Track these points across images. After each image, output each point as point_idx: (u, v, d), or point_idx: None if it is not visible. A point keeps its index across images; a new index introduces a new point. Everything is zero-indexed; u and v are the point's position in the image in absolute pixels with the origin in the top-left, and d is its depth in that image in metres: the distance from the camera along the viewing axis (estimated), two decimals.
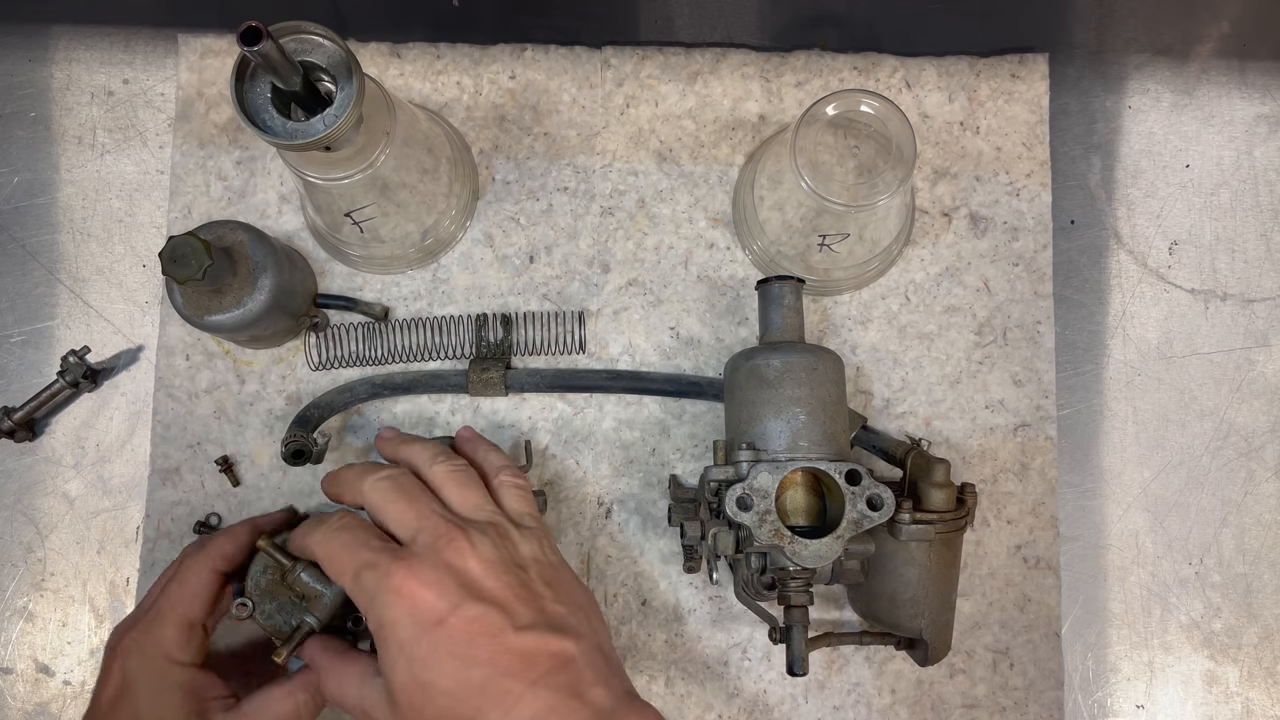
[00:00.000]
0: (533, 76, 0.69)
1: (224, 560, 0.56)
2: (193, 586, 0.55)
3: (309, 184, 0.57)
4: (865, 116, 0.60)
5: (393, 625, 0.46)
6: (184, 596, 0.54)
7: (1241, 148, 0.71)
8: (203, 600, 0.55)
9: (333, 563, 0.50)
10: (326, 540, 0.50)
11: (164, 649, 0.53)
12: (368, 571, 0.47)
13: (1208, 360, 0.70)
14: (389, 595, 0.46)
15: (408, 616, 0.46)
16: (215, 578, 0.56)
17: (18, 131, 0.69)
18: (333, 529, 0.51)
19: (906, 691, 0.65)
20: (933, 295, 0.68)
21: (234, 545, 0.57)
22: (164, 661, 0.53)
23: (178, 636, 0.53)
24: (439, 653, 0.45)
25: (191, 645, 0.54)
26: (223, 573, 0.56)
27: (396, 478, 0.53)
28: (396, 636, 0.46)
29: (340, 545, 0.50)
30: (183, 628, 0.54)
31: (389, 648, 0.46)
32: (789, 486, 0.56)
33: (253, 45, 0.44)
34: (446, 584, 0.46)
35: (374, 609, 0.47)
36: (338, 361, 0.66)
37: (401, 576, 0.46)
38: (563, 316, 0.67)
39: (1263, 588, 0.68)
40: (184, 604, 0.54)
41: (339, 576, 0.49)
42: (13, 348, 0.68)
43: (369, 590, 0.47)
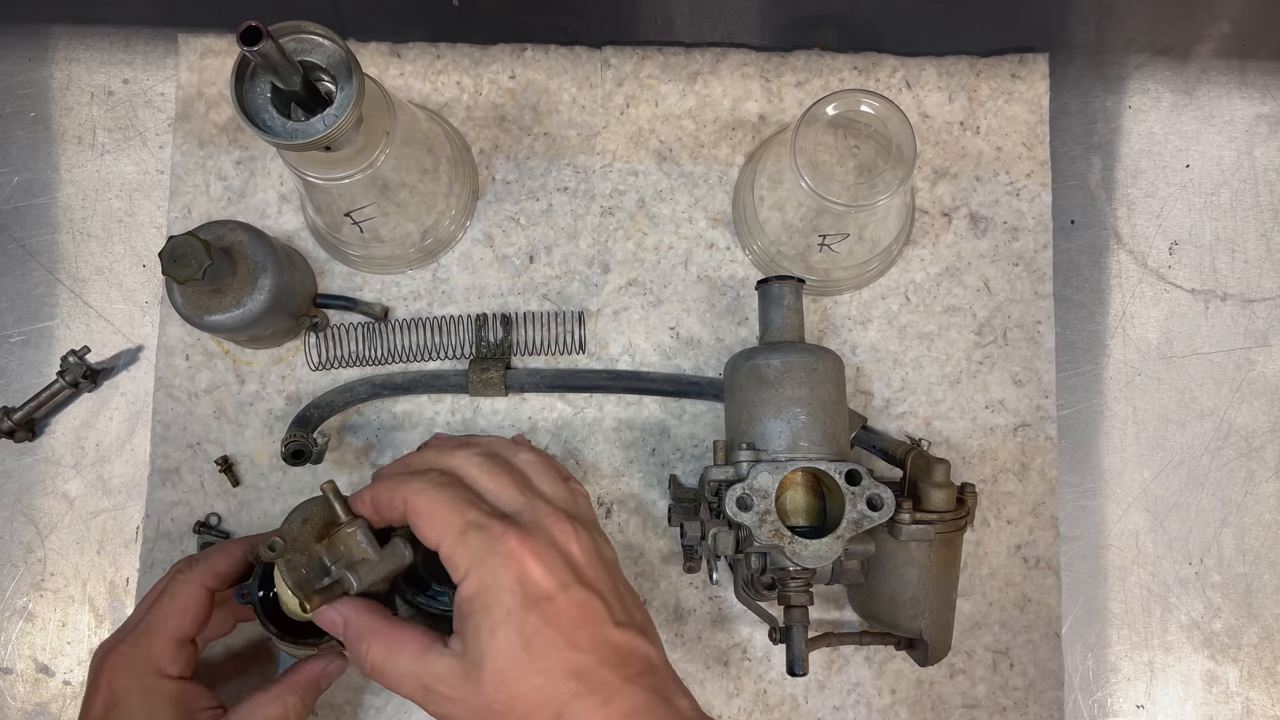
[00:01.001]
0: (533, 76, 0.69)
1: (216, 578, 0.55)
2: (183, 602, 0.54)
3: (309, 184, 0.57)
4: (865, 116, 0.60)
5: (501, 590, 0.44)
6: (174, 612, 0.53)
7: (1241, 148, 0.71)
8: (193, 616, 0.54)
9: (434, 517, 0.46)
10: (429, 492, 0.47)
11: (154, 663, 0.52)
12: (476, 531, 0.45)
13: (1208, 360, 0.70)
14: (500, 558, 0.44)
15: (518, 584, 0.44)
16: (206, 595, 0.54)
17: (18, 131, 0.69)
18: (436, 482, 0.48)
19: (906, 691, 0.65)
20: (933, 295, 0.68)
21: (228, 563, 0.56)
22: (153, 676, 0.52)
23: (168, 651, 0.53)
24: (546, 628, 0.43)
25: (181, 659, 0.53)
26: (213, 590, 0.55)
27: (492, 456, 0.51)
28: (503, 602, 0.44)
29: (447, 498, 0.47)
30: (172, 643, 0.53)
31: (492, 613, 0.44)
32: (789, 486, 0.56)
33: (253, 45, 0.44)
34: (556, 562, 0.45)
35: (478, 570, 0.44)
36: (338, 361, 0.66)
37: (516, 543, 0.45)
38: (563, 316, 0.67)
39: (1263, 588, 0.68)
40: (174, 619, 0.53)
41: (439, 532, 0.46)
42: (13, 348, 0.68)
43: (475, 551, 0.45)
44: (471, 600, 0.45)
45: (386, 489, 0.49)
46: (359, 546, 0.50)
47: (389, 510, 0.49)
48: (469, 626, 0.45)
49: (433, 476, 0.49)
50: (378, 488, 0.50)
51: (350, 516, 0.50)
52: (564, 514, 0.48)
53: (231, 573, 0.56)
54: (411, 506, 0.47)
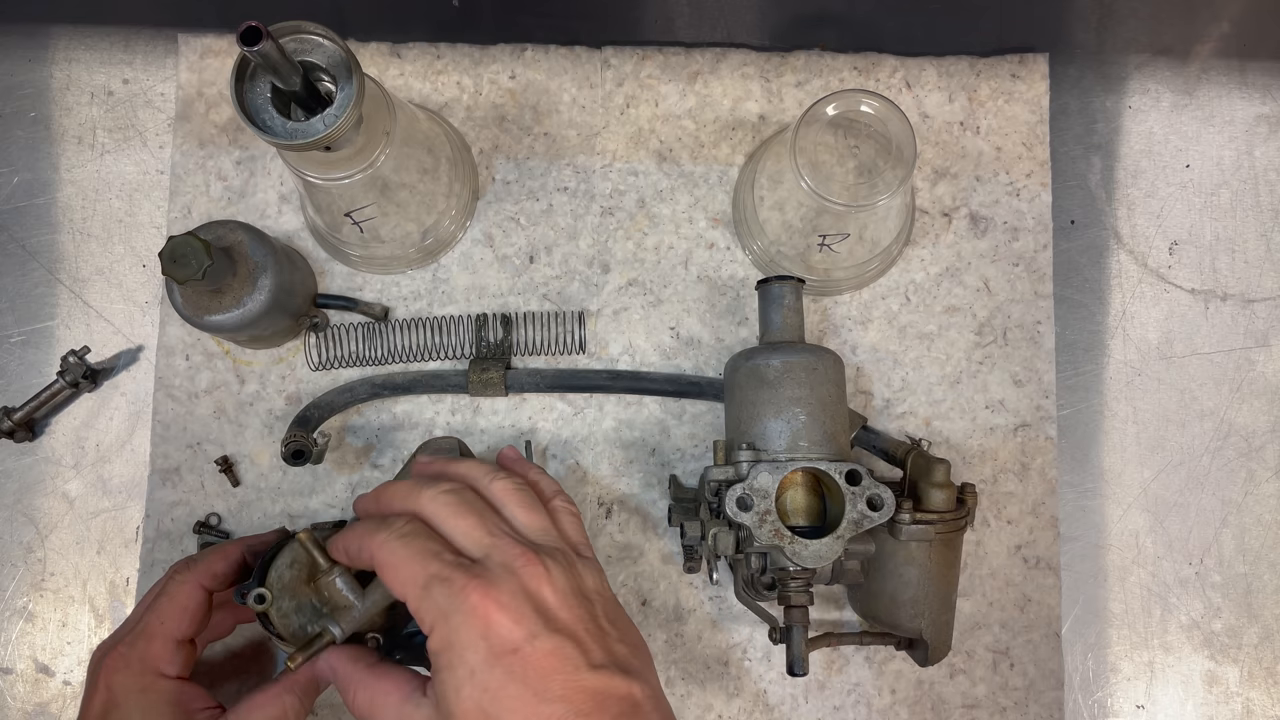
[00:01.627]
0: (533, 76, 0.69)
1: (213, 578, 0.55)
2: (181, 603, 0.53)
3: (309, 184, 0.57)
4: (865, 116, 0.60)
5: (463, 648, 0.43)
6: (172, 613, 0.53)
7: (1241, 148, 0.71)
8: (190, 617, 0.53)
9: (398, 570, 0.46)
10: (391, 545, 0.47)
11: (151, 664, 0.52)
12: (440, 585, 0.44)
13: (1208, 360, 0.70)
14: (463, 615, 0.43)
15: (482, 640, 0.43)
16: (204, 595, 0.54)
17: (18, 131, 0.69)
18: (400, 533, 0.47)
19: (906, 692, 0.65)
20: (933, 295, 0.68)
21: (225, 564, 0.55)
22: (151, 676, 0.52)
23: (165, 652, 0.52)
24: (512, 683, 0.42)
25: (179, 660, 0.53)
26: (210, 591, 0.55)
27: (459, 491, 0.49)
28: (466, 661, 0.43)
29: (410, 552, 0.46)
30: (170, 644, 0.53)
31: (455, 671, 0.43)
32: (789, 486, 0.56)
33: (253, 45, 0.44)
34: (524, 610, 0.44)
35: (442, 627, 0.44)
36: (338, 361, 0.66)
37: (479, 596, 0.44)
38: (563, 316, 0.67)
39: (1263, 588, 0.68)
40: (172, 620, 0.53)
41: (402, 586, 0.46)
42: (13, 348, 0.68)
43: (439, 606, 0.44)
44: (438, 656, 0.44)
45: (355, 539, 0.49)
46: (340, 595, 0.51)
47: (359, 561, 0.49)
48: (438, 681, 0.44)
49: (398, 526, 0.48)
50: (348, 537, 0.50)
51: (329, 564, 0.51)
52: (533, 552, 0.46)
53: (229, 573, 0.55)
54: (377, 561, 0.47)
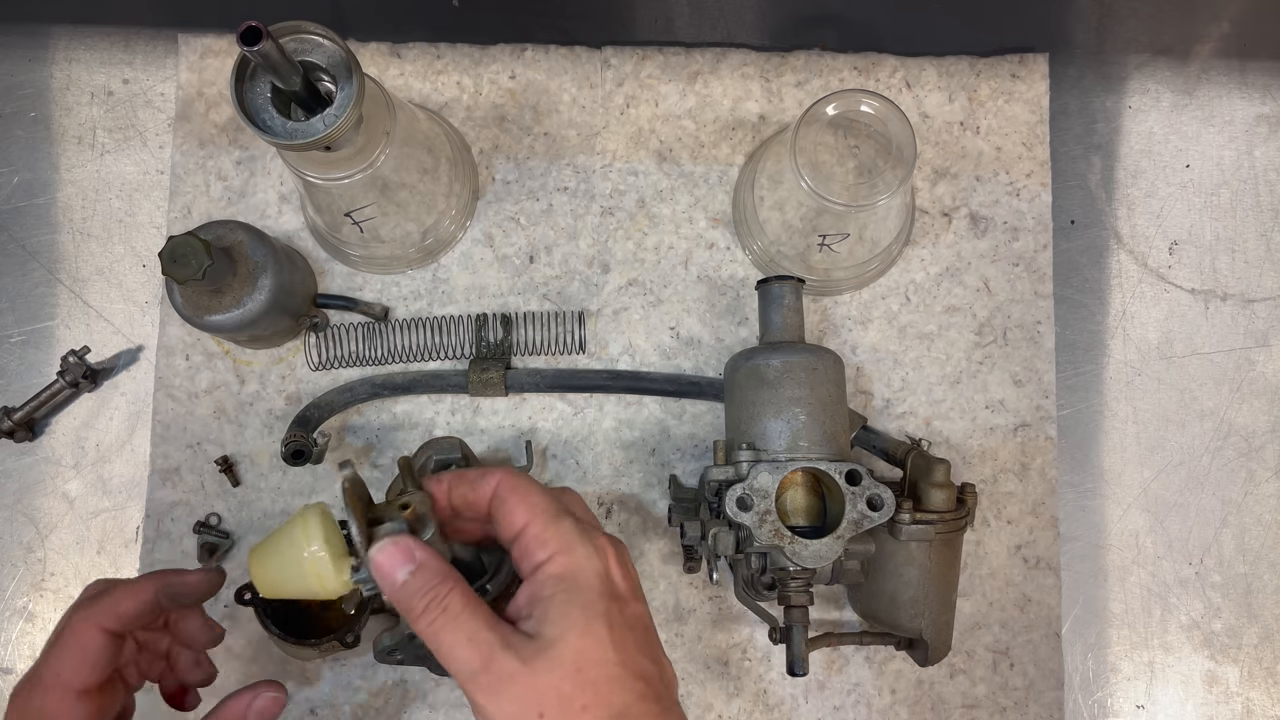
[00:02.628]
0: (533, 76, 0.69)
1: (117, 619, 0.48)
2: (77, 650, 0.47)
3: (309, 184, 0.57)
4: (865, 116, 0.60)
5: (590, 576, 0.43)
6: (68, 661, 0.47)
7: (1241, 148, 0.71)
8: (90, 664, 0.47)
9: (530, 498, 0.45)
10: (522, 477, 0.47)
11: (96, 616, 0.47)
12: (569, 519, 0.45)
13: (1208, 360, 0.70)
14: (590, 549, 0.44)
15: (601, 579, 0.43)
16: (104, 638, 0.47)
17: (18, 131, 0.69)
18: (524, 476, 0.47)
19: (906, 691, 0.65)
20: (933, 295, 0.68)
21: (133, 602, 0.48)
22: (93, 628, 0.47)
23: (64, 706, 0.46)
24: (626, 627, 0.43)
25: (81, 712, 0.46)
26: (114, 632, 0.48)
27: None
28: (592, 588, 0.43)
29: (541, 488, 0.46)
30: (68, 696, 0.46)
31: (579, 596, 0.42)
32: (789, 486, 0.56)
33: (253, 45, 0.44)
34: (628, 573, 0.46)
35: (567, 556, 0.43)
36: (338, 361, 0.66)
37: (604, 541, 0.45)
38: (563, 316, 0.67)
39: (1263, 588, 0.68)
40: (68, 669, 0.46)
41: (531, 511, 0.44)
42: (13, 348, 0.68)
43: (567, 534, 0.44)
44: (557, 580, 0.43)
45: (474, 472, 0.47)
46: (425, 507, 0.45)
47: (471, 489, 0.46)
48: (550, 607, 0.42)
49: (517, 470, 0.47)
50: (460, 473, 0.47)
51: (416, 489, 0.46)
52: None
53: (138, 613, 0.49)
54: (505, 484, 0.46)
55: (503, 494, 0.46)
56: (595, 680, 0.41)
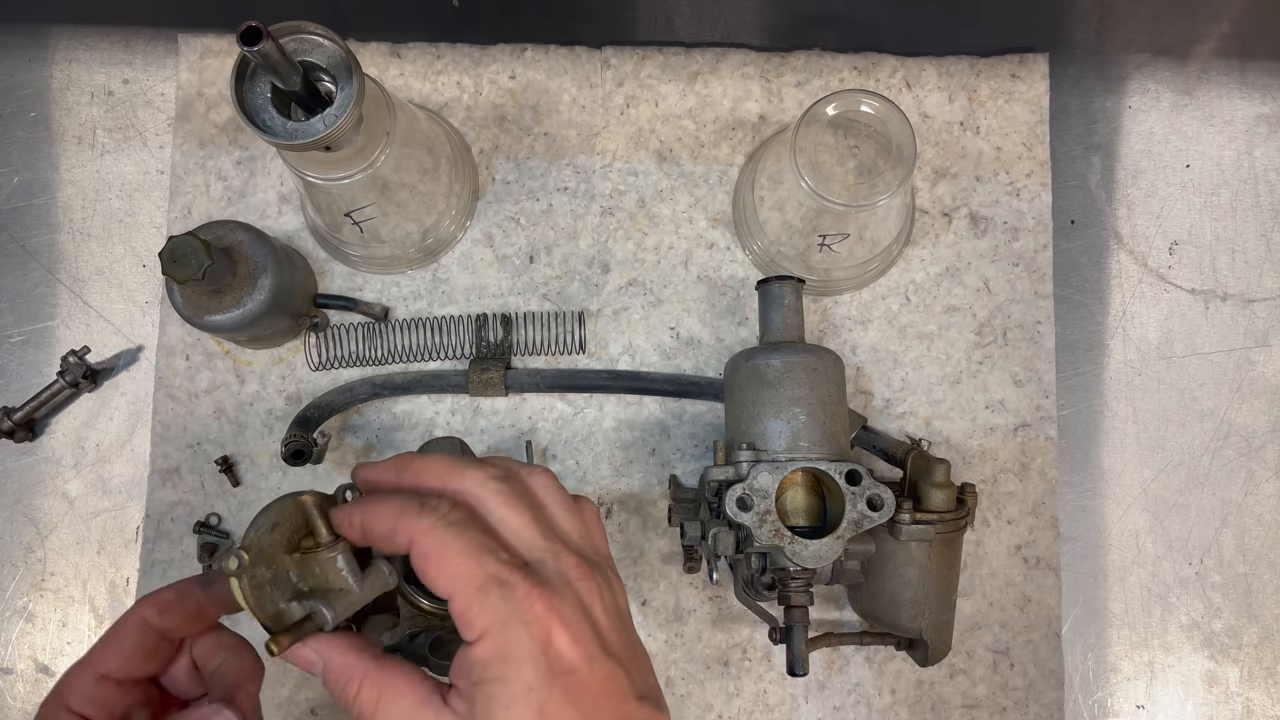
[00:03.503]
0: (533, 76, 0.69)
1: (156, 609, 0.46)
2: (114, 639, 0.46)
3: (309, 184, 0.57)
4: (865, 116, 0.60)
5: (521, 661, 0.39)
6: (105, 648, 0.45)
7: (1241, 148, 0.71)
8: (124, 655, 0.45)
9: (447, 564, 0.41)
10: (440, 533, 0.41)
11: (60, 696, 0.45)
12: (498, 589, 0.40)
13: (1208, 360, 0.70)
14: (525, 626, 0.39)
15: (542, 656, 0.39)
16: (144, 630, 0.46)
17: (18, 131, 0.69)
18: (449, 520, 0.41)
19: (906, 692, 0.65)
20: (933, 295, 0.68)
21: (173, 592, 0.47)
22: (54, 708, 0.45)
23: (82, 686, 0.45)
24: (568, 707, 0.39)
25: (95, 699, 0.45)
26: (153, 625, 0.46)
27: (510, 480, 0.44)
28: (523, 676, 0.39)
29: (463, 545, 0.41)
30: (89, 677, 0.45)
31: (509, 685, 0.39)
32: (789, 487, 0.56)
33: (253, 45, 0.44)
34: (582, 629, 0.41)
35: (498, 635, 0.40)
36: (338, 361, 0.66)
37: (543, 607, 0.40)
38: (563, 316, 0.67)
39: (1263, 588, 0.68)
40: (103, 650, 0.45)
41: (451, 582, 0.40)
42: (13, 348, 0.68)
43: (496, 612, 0.40)
44: (486, 666, 0.40)
45: (385, 517, 0.42)
46: (338, 575, 0.43)
47: (385, 543, 0.43)
48: (480, 694, 0.40)
49: (444, 511, 0.42)
50: (373, 513, 0.43)
51: (332, 538, 0.43)
52: (587, 563, 0.43)
53: (179, 603, 0.46)
54: (419, 549, 0.41)
55: (419, 564, 0.41)
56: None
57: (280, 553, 0.43)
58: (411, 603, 0.56)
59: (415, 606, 0.56)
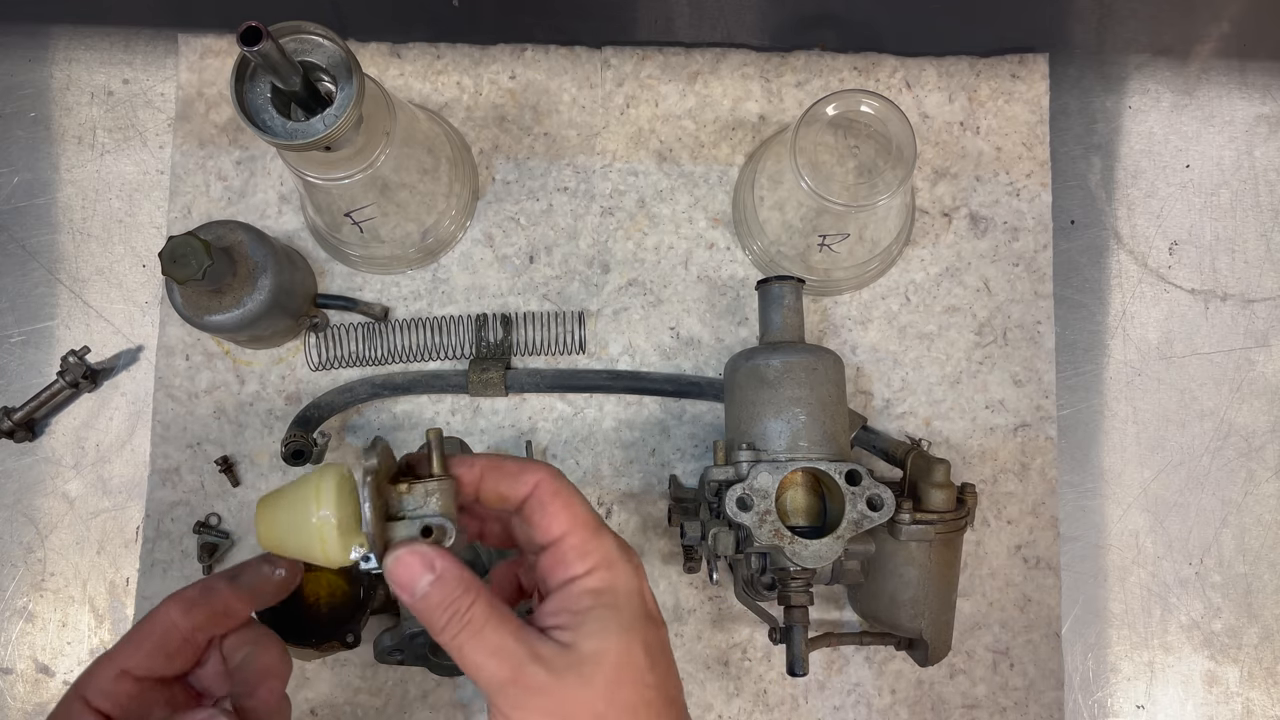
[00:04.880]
0: (533, 76, 0.69)
1: (181, 606, 0.46)
2: (139, 634, 0.46)
3: (309, 184, 0.57)
4: (865, 116, 0.60)
5: (630, 594, 0.42)
6: (129, 643, 0.46)
7: (1241, 148, 0.71)
8: (145, 651, 0.45)
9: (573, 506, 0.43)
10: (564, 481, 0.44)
11: (79, 687, 0.45)
12: (610, 535, 0.43)
13: (1208, 360, 0.70)
14: (631, 568, 0.43)
15: (639, 598, 0.42)
16: (170, 627, 0.45)
17: (18, 131, 0.69)
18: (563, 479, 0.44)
19: (906, 692, 0.65)
20: (933, 295, 0.68)
21: (199, 589, 0.47)
22: (71, 701, 0.45)
23: (103, 679, 0.45)
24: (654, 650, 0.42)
25: (112, 694, 0.44)
26: (183, 623, 0.46)
27: None
28: (632, 607, 0.42)
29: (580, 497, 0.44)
30: (110, 671, 0.45)
31: (620, 614, 0.41)
32: (789, 487, 0.56)
33: (253, 45, 0.44)
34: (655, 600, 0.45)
35: (607, 571, 0.42)
36: (338, 361, 0.66)
37: (639, 561, 0.44)
38: (563, 316, 0.67)
39: (1263, 588, 0.68)
40: (126, 650, 0.45)
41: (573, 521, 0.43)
42: (13, 348, 0.68)
43: (608, 550, 0.42)
44: (596, 594, 0.41)
45: (510, 463, 0.44)
46: (450, 507, 0.43)
47: (508, 485, 0.44)
48: (587, 620, 0.41)
49: (556, 469, 0.45)
50: (496, 460, 0.44)
51: (445, 475, 0.43)
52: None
53: (204, 599, 0.46)
54: (548, 487, 0.43)
55: (543, 497, 0.43)
56: (632, 703, 0.40)
57: (386, 482, 0.43)
58: None
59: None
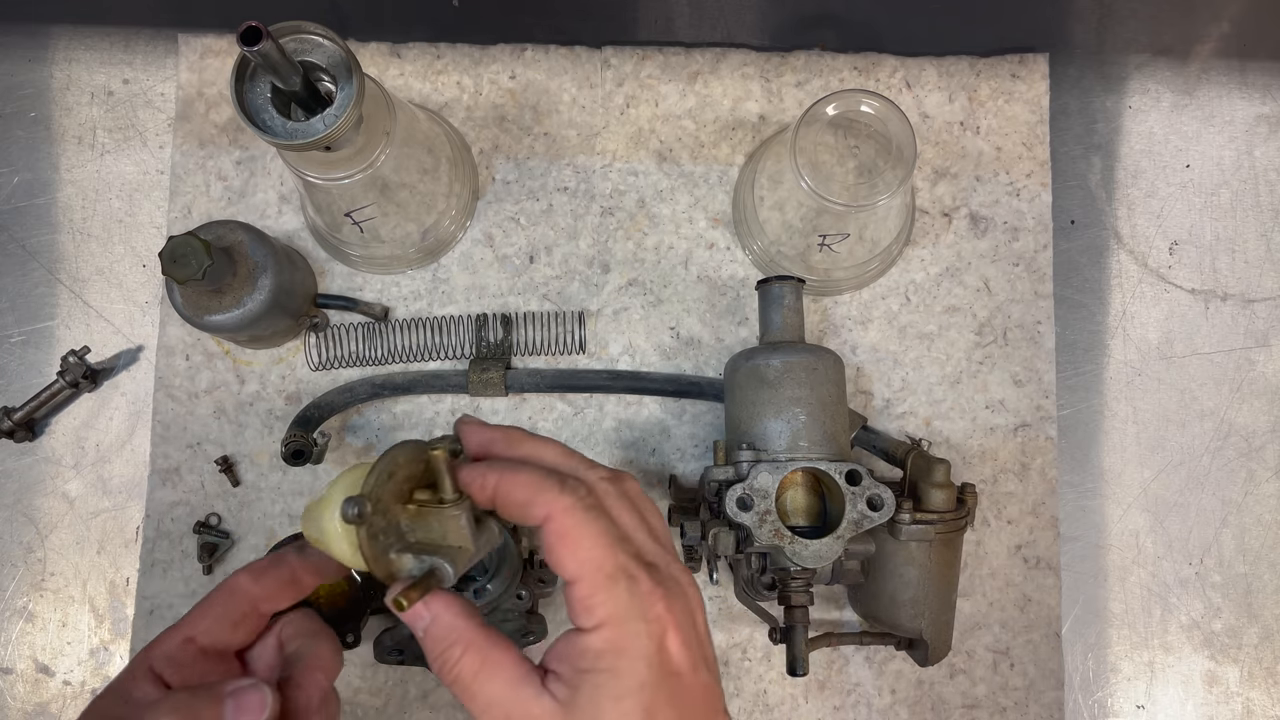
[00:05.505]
0: (533, 76, 0.69)
1: (252, 577, 0.46)
2: (207, 604, 0.46)
3: (309, 184, 0.57)
4: (865, 116, 0.60)
5: (636, 658, 0.39)
6: (196, 612, 0.46)
7: (1241, 148, 0.71)
8: (212, 619, 0.45)
9: (581, 548, 0.40)
10: (578, 515, 0.40)
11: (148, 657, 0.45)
12: (626, 582, 0.40)
13: (1208, 360, 0.70)
14: (645, 623, 0.39)
15: (655, 656, 0.39)
16: (238, 598, 0.46)
17: (18, 131, 0.69)
18: (585, 504, 0.41)
19: (906, 691, 0.65)
20: (933, 295, 0.68)
21: (268, 560, 0.47)
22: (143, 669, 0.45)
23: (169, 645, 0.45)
24: (671, 709, 0.39)
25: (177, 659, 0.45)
26: (253, 594, 0.46)
27: (621, 481, 0.44)
28: (636, 672, 0.39)
29: (597, 531, 0.40)
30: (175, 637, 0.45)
31: (621, 679, 0.39)
32: (789, 487, 0.56)
33: (253, 45, 0.44)
34: (689, 636, 0.41)
35: (616, 628, 0.39)
36: (338, 361, 0.66)
37: (663, 608, 0.40)
38: (563, 316, 0.67)
39: (1263, 588, 0.68)
40: (192, 619, 0.46)
41: (580, 566, 0.40)
42: (13, 348, 0.68)
43: (620, 605, 0.39)
44: (599, 656, 0.39)
45: (524, 488, 0.41)
46: (459, 532, 0.41)
47: (516, 511, 0.42)
48: (587, 682, 0.39)
49: (582, 494, 0.41)
50: (510, 481, 0.41)
51: (456, 495, 0.41)
52: (689, 575, 0.43)
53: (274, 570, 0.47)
54: (557, 526, 0.40)
55: (551, 541, 0.41)
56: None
57: (394, 503, 0.41)
58: None
59: None
